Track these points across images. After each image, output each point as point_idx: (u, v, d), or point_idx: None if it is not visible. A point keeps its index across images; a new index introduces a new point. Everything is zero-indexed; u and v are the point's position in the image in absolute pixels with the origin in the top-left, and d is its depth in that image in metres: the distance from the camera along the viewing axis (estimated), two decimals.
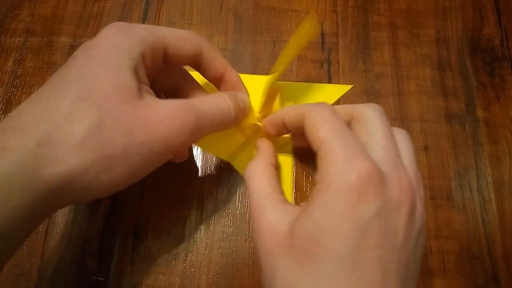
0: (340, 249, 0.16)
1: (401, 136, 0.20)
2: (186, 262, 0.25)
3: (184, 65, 0.23)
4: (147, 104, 0.18)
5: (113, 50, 0.19)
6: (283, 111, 0.23)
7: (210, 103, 0.21)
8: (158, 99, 0.19)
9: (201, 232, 0.25)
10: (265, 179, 0.21)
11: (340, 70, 0.30)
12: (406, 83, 0.30)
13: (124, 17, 0.32)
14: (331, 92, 0.30)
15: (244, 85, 0.25)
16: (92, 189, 0.17)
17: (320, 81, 0.30)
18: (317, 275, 0.16)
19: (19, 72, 0.30)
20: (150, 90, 0.20)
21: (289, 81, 0.30)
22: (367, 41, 0.31)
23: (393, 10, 0.33)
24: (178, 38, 0.21)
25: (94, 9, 0.32)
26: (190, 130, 0.19)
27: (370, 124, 0.20)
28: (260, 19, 0.32)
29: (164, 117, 0.18)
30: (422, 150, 0.28)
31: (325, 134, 0.18)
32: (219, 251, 0.25)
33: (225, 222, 0.26)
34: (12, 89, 0.29)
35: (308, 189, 0.27)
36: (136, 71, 0.19)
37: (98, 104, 0.17)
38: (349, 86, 0.30)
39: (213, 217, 0.26)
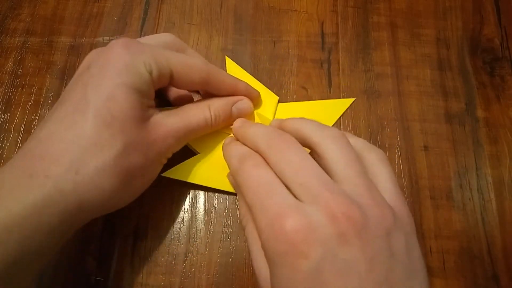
0: None
1: (372, 155, 0.20)
2: (186, 262, 0.25)
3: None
4: (154, 125, 0.21)
5: (127, 72, 0.20)
6: (283, 124, 0.22)
7: (195, 114, 0.23)
8: (159, 117, 0.21)
9: (201, 232, 0.25)
10: None
11: (340, 70, 0.30)
12: (406, 83, 0.30)
13: (124, 17, 0.32)
14: (333, 108, 0.29)
15: (254, 90, 0.26)
16: (117, 204, 0.20)
17: (320, 81, 0.30)
18: None
19: (19, 72, 0.30)
20: (153, 104, 0.22)
21: (289, 81, 0.30)
22: (367, 41, 0.31)
23: (393, 10, 0.33)
24: (185, 65, 0.22)
25: (94, 9, 0.32)
26: (183, 141, 0.23)
27: (330, 160, 0.18)
28: (260, 19, 0.32)
29: (166, 136, 0.21)
30: (422, 150, 0.28)
31: (249, 200, 0.18)
32: (219, 251, 0.25)
33: (225, 222, 0.26)
34: (12, 89, 0.29)
35: None
36: (146, 92, 0.20)
37: (121, 130, 0.19)
38: (351, 100, 0.29)
39: (213, 217, 0.26)
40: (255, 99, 0.27)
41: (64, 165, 0.17)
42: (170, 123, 0.22)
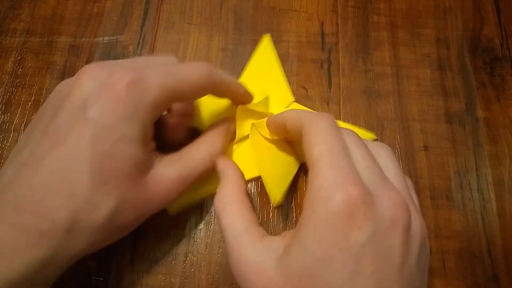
0: (336, 281, 0.16)
1: (380, 150, 0.20)
2: (186, 262, 0.25)
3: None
4: (153, 180, 0.20)
5: (128, 123, 0.18)
6: (286, 114, 0.22)
7: (202, 157, 0.22)
8: (160, 169, 0.20)
9: (201, 232, 0.25)
10: (238, 211, 0.20)
11: (340, 70, 0.30)
12: (406, 83, 0.30)
13: (124, 17, 0.32)
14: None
15: (250, 94, 0.26)
16: (97, 248, 0.20)
17: (320, 81, 0.30)
18: None
19: (19, 72, 0.30)
20: (153, 145, 0.21)
21: (289, 81, 0.30)
22: (367, 41, 0.31)
23: (393, 10, 0.33)
24: (193, 86, 0.21)
25: (94, 9, 0.32)
26: (180, 193, 0.21)
27: (352, 144, 0.19)
28: (260, 19, 0.32)
29: (165, 191, 0.20)
30: (422, 150, 0.28)
31: (318, 154, 0.18)
32: (219, 251, 0.25)
33: None
34: (12, 89, 0.29)
35: None
36: (146, 139, 0.20)
37: (116, 189, 0.18)
38: (372, 137, 0.28)
39: (213, 217, 0.26)
40: (250, 101, 0.26)
41: (58, 223, 0.17)
42: (171, 174, 0.21)
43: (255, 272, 0.18)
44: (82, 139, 0.18)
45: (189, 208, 0.26)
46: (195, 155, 0.22)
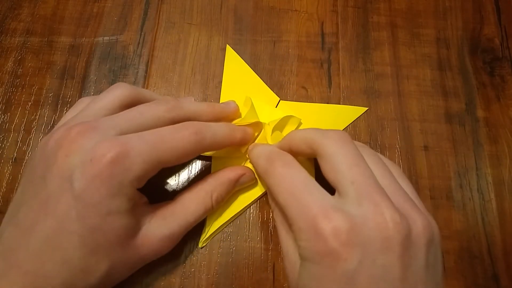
0: None
1: (374, 158, 0.20)
2: (186, 262, 0.25)
3: None
4: (144, 241, 0.21)
5: (114, 198, 0.19)
6: (289, 137, 0.22)
7: (194, 210, 0.22)
8: (151, 228, 0.21)
9: (201, 232, 0.25)
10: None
11: (340, 70, 0.30)
12: (406, 83, 0.30)
13: (124, 17, 0.32)
14: (343, 114, 0.28)
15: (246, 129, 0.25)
16: None
17: (320, 81, 0.30)
18: None
19: (19, 72, 0.30)
20: (143, 201, 0.22)
21: (289, 81, 0.30)
22: (367, 41, 0.31)
23: (393, 10, 0.33)
24: (179, 155, 0.20)
25: (94, 9, 0.32)
26: (174, 244, 0.22)
27: (333, 160, 0.19)
28: (260, 19, 0.32)
29: (156, 248, 0.21)
30: (422, 150, 0.28)
31: (283, 200, 0.19)
32: (219, 251, 0.25)
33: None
34: (12, 89, 0.29)
35: None
36: (134, 204, 0.20)
37: (107, 255, 0.19)
38: (364, 109, 0.28)
39: None
40: (250, 142, 0.25)
41: (56, 287, 0.18)
42: (162, 233, 0.21)
43: (292, 270, 0.19)
44: (70, 213, 0.18)
45: None
46: (190, 207, 0.22)
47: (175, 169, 0.27)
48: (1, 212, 0.25)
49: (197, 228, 0.25)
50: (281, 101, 0.29)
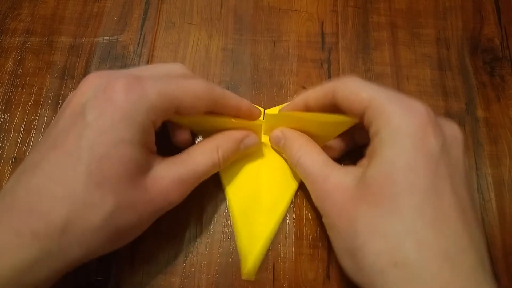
0: (422, 182, 0.17)
1: None
2: (186, 262, 0.25)
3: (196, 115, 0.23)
4: (153, 181, 0.20)
5: (126, 125, 0.18)
6: (304, 95, 0.24)
7: (202, 161, 0.22)
8: (160, 169, 0.20)
9: (201, 232, 0.25)
10: (315, 151, 0.23)
11: (340, 70, 0.30)
12: (406, 83, 0.30)
13: (124, 17, 0.32)
14: (338, 124, 0.23)
15: (256, 109, 0.24)
16: (102, 253, 0.19)
17: (320, 81, 0.30)
18: (402, 211, 0.17)
19: (19, 72, 0.30)
20: (154, 149, 0.21)
21: (289, 81, 0.30)
22: (367, 41, 0.31)
23: (393, 10, 0.33)
24: (192, 96, 0.21)
25: (94, 9, 0.32)
26: (186, 193, 0.22)
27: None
28: (260, 19, 0.32)
29: (166, 191, 0.20)
30: None
31: (368, 94, 0.20)
32: (219, 251, 0.25)
33: (225, 222, 0.26)
34: (12, 89, 0.29)
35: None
36: (146, 142, 0.19)
37: (114, 190, 0.18)
38: (353, 121, 0.22)
39: (213, 217, 0.26)
40: (258, 117, 0.25)
41: (52, 224, 0.17)
42: (172, 175, 0.20)
43: (337, 191, 0.20)
44: (79, 142, 0.18)
45: (189, 208, 0.26)
46: (197, 157, 0.22)
47: None
48: None
49: (197, 228, 0.25)
50: (265, 110, 0.28)
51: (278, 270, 0.24)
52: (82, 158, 0.17)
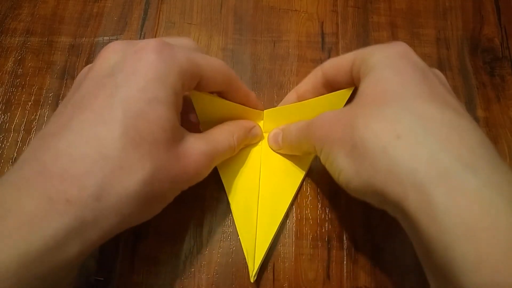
0: (412, 80, 0.18)
1: None
2: (186, 262, 0.25)
3: (211, 92, 0.23)
4: (185, 150, 0.19)
5: (160, 84, 0.17)
6: (294, 89, 0.26)
7: (222, 141, 0.23)
8: (191, 141, 0.20)
9: (201, 232, 0.25)
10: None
11: None
12: None
13: (124, 17, 0.32)
14: (333, 102, 0.24)
15: (260, 104, 0.27)
16: (132, 224, 0.18)
17: None
18: (396, 100, 0.18)
19: (19, 72, 0.30)
20: (180, 118, 0.20)
21: (289, 81, 0.30)
22: (367, 41, 0.31)
23: (393, 10, 0.33)
24: (213, 70, 0.21)
25: (94, 9, 0.32)
26: (210, 168, 0.21)
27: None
28: (260, 19, 0.32)
29: (197, 163, 0.20)
30: None
31: (351, 54, 0.21)
32: (219, 251, 0.25)
33: (225, 222, 0.26)
34: (12, 89, 0.29)
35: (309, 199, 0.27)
36: (177, 107, 0.19)
37: (151, 154, 0.17)
38: (349, 91, 0.23)
39: (213, 217, 0.26)
40: (260, 108, 0.27)
41: (87, 189, 0.15)
42: (201, 148, 0.20)
43: (332, 115, 0.20)
44: (111, 100, 0.16)
45: (189, 208, 0.26)
46: (219, 137, 0.23)
47: None
48: None
49: (197, 228, 0.25)
50: (265, 110, 0.27)
51: (278, 270, 0.24)
52: (116, 116, 0.16)
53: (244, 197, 0.25)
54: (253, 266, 0.23)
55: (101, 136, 0.16)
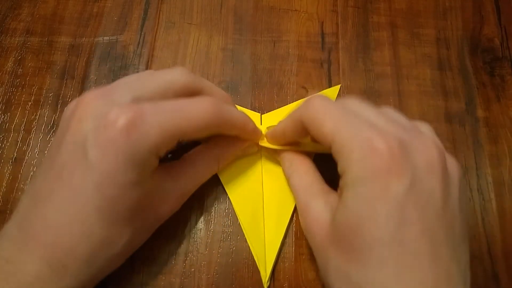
0: (383, 234, 0.16)
1: (383, 108, 0.20)
2: (186, 262, 0.25)
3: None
4: (160, 199, 0.21)
5: (131, 167, 0.18)
6: (281, 124, 0.23)
7: (203, 171, 0.23)
8: (166, 189, 0.21)
9: (201, 232, 0.25)
10: (304, 170, 0.23)
11: (340, 70, 0.30)
12: (406, 83, 0.30)
13: (124, 17, 0.32)
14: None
15: (259, 130, 0.25)
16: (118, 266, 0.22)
17: (320, 81, 0.30)
18: (366, 263, 0.16)
19: (19, 72, 0.30)
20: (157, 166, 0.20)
21: (289, 81, 0.30)
22: (367, 41, 0.31)
23: (393, 10, 0.33)
24: (198, 127, 0.20)
25: (94, 9, 0.32)
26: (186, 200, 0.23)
27: (360, 111, 0.19)
28: (260, 19, 0.32)
29: (171, 207, 0.22)
30: None
31: (330, 128, 0.18)
32: (219, 251, 0.25)
33: (225, 222, 0.26)
34: (12, 89, 0.29)
35: None
36: (152, 172, 0.19)
37: (128, 224, 0.19)
38: (337, 87, 0.28)
39: (213, 217, 0.26)
40: (260, 136, 0.25)
41: (79, 259, 0.18)
42: (178, 190, 0.22)
43: (316, 225, 0.19)
44: (86, 183, 0.18)
45: (189, 208, 0.26)
46: (200, 168, 0.23)
47: None
48: (1, 212, 0.25)
49: (197, 228, 0.25)
50: (262, 115, 0.28)
51: (278, 270, 0.24)
52: (91, 199, 0.18)
53: (250, 205, 0.25)
54: (265, 273, 0.24)
55: (82, 218, 0.18)
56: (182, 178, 0.22)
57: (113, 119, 0.17)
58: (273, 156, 0.26)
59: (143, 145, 0.18)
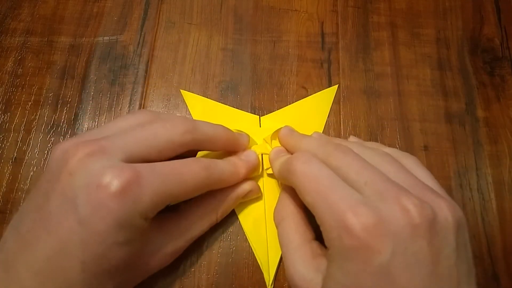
0: None
1: (382, 157, 0.20)
2: (186, 262, 0.25)
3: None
4: (150, 256, 0.21)
5: (118, 229, 0.18)
6: (275, 170, 0.23)
7: (201, 225, 0.23)
8: (157, 246, 0.21)
9: None
10: (293, 226, 0.22)
11: (340, 70, 0.30)
12: (406, 83, 0.30)
13: (124, 17, 0.32)
14: (320, 102, 0.29)
15: (247, 143, 0.25)
16: None
17: (320, 81, 0.30)
18: None
19: (19, 72, 0.30)
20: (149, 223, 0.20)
21: (289, 81, 0.30)
22: (367, 41, 0.31)
23: (393, 10, 0.33)
24: (190, 190, 0.20)
25: (94, 9, 0.32)
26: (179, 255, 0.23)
27: (341, 166, 0.19)
28: (260, 19, 0.32)
29: (160, 263, 0.22)
30: (422, 150, 0.28)
31: (309, 202, 0.18)
32: (219, 251, 0.25)
33: (225, 222, 0.26)
34: (12, 89, 0.29)
35: None
36: (143, 231, 0.19)
37: (112, 278, 0.19)
38: (334, 88, 0.29)
39: None
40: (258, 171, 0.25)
41: None
42: (170, 248, 0.21)
43: (305, 286, 0.19)
44: (73, 236, 0.17)
45: None
46: (196, 222, 0.23)
47: None
48: (1, 212, 0.25)
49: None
50: (261, 117, 0.28)
51: (278, 270, 0.24)
52: (76, 253, 0.17)
53: (251, 209, 0.25)
54: (269, 276, 0.24)
55: (66, 268, 0.17)
56: (175, 233, 0.22)
57: (107, 181, 0.17)
58: None
59: (135, 210, 0.18)
